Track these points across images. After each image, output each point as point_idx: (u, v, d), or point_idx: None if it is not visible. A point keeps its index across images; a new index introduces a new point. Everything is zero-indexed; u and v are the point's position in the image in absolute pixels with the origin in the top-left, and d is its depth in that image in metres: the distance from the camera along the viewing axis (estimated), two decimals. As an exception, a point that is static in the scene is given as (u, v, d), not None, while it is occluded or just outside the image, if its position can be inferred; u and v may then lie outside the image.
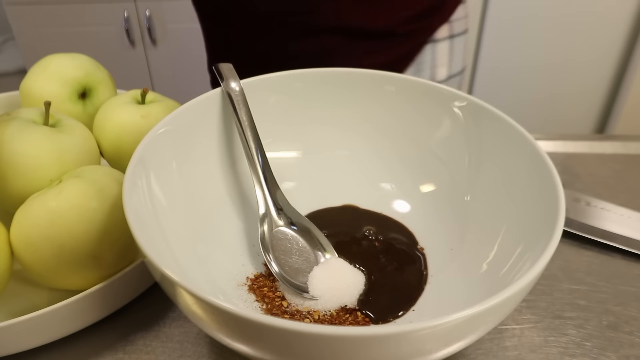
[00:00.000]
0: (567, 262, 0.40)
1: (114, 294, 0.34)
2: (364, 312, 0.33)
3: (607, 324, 0.36)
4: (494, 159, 0.36)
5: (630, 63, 1.43)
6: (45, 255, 0.32)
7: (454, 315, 0.22)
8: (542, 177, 0.31)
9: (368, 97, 0.41)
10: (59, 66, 0.43)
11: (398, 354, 0.23)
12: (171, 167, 0.35)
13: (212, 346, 0.33)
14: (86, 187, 0.32)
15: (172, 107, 0.41)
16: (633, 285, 0.39)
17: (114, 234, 0.33)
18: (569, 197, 0.45)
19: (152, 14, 1.43)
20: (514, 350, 0.33)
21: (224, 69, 0.38)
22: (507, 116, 0.36)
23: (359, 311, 0.33)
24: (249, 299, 0.34)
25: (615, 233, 0.42)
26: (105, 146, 0.41)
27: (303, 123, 0.42)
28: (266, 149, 0.38)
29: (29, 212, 0.32)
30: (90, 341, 0.34)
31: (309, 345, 0.22)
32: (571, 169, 0.52)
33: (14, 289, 0.36)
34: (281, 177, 0.40)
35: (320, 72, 0.41)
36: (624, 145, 0.55)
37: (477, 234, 0.36)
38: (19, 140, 0.35)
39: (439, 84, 0.39)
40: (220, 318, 0.23)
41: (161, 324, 0.35)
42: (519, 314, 0.36)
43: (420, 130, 0.41)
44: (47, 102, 0.37)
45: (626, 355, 0.33)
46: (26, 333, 0.31)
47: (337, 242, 0.37)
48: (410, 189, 0.41)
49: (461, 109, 0.38)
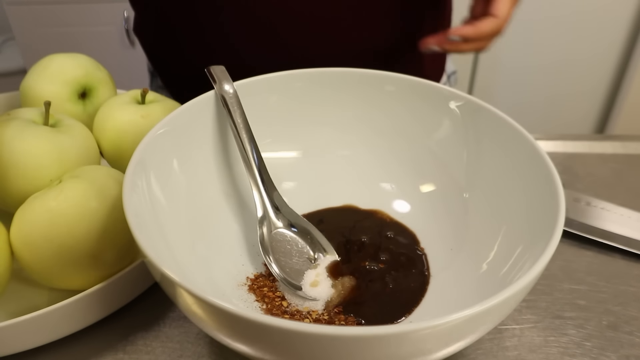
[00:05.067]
0: (567, 262, 0.40)
1: (114, 294, 0.34)
2: (363, 322, 0.33)
3: (607, 324, 0.36)
4: (493, 159, 0.36)
5: (630, 63, 1.43)
6: (45, 255, 0.32)
7: (454, 315, 0.22)
8: (542, 177, 0.31)
9: (368, 97, 0.41)
10: (59, 66, 0.43)
11: (398, 354, 0.23)
12: (171, 167, 0.35)
13: (212, 346, 0.33)
14: (86, 187, 0.32)
15: (172, 107, 0.41)
16: (633, 285, 0.39)
17: (114, 234, 0.33)
18: (569, 197, 0.45)
19: (152, 14, 1.42)
20: (514, 350, 0.33)
21: (216, 71, 0.38)
22: (507, 116, 0.36)
23: (358, 321, 0.33)
24: (249, 299, 0.34)
25: (615, 233, 0.42)
26: (105, 146, 0.41)
27: (303, 123, 0.42)
28: (265, 149, 0.38)
29: (29, 212, 0.32)
30: (90, 341, 0.34)
31: (309, 345, 0.22)
32: (571, 169, 0.52)
33: (14, 289, 0.36)
34: (281, 177, 0.40)
35: (320, 72, 0.41)
36: (624, 145, 0.55)
37: (477, 234, 0.36)
38: (19, 140, 0.35)
39: (439, 83, 0.39)
40: (220, 318, 0.23)
41: (161, 324, 0.35)
42: (519, 314, 0.36)
43: (420, 130, 0.41)
44: (47, 102, 0.37)
45: (626, 355, 0.33)
46: (26, 333, 0.31)
47: (337, 242, 0.37)
48: (410, 189, 0.41)
49: (461, 108, 0.38)
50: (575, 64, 1.47)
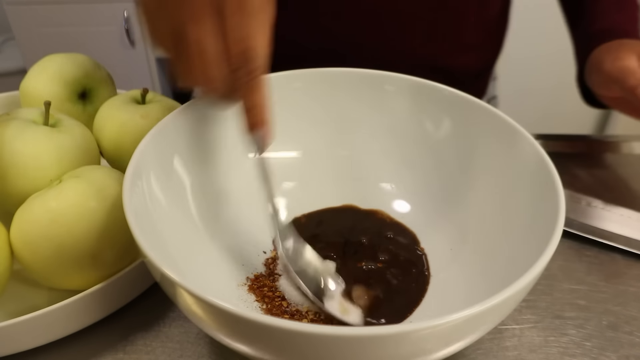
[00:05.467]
0: (567, 262, 0.40)
1: (114, 294, 0.34)
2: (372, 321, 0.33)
3: (607, 324, 0.36)
4: (493, 159, 0.36)
5: (630, 63, 1.43)
6: (45, 255, 0.32)
7: (454, 315, 0.22)
8: (542, 177, 0.31)
9: (368, 97, 0.41)
10: (59, 66, 0.43)
11: (398, 354, 0.23)
12: (171, 167, 0.35)
13: (212, 346, 0.33)
14: (86, 187, 0.32)
15: (172, 107, 0.41)
16: (633, 285, 0.39)
17: (114, 234, 0.33)
18: (569, 197, 0.45)
19: (152, 14, 1.42)
20: (514, 350, 0.33)
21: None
22: (507, 116, 0.36)
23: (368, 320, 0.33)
24: (249, 299, 0.34)
25: (615, 233, 0.42)
26: (105, 146, 0.41)
27: (303, 123, 0.42)
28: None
29: (29, 212, 0.32)
30: (90, 341, 0.34)
31: (309, 345, 0.22)
32: (571, 169, 0.52)
33: (14, 289, 0.36)
34: (281, 177, 0.40)
35: (320, 72, 0.41)
36: (624, 145, 0.55)
37: (477, 234, 0.36)
38: (19, 140, 0.35)
39: (438, 83, 0.39)
40: (220, 318, 0.23)
41: (161, 324, 0.35)
42: (519, 314, 0.36)
43: (420, 130, 0.41)
44: (47, 102, 0.37)
45: (626, 355, 0.33)
46: (26, 333, 0.31)
47: (337, 243, 0.37)
48: (410, 189, 0.41)
49: (461, 109, 0.38)
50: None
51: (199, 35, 0.28)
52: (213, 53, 0.28)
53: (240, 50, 0.29)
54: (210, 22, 0.28)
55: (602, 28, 0.52)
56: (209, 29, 0.28)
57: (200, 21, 0.28)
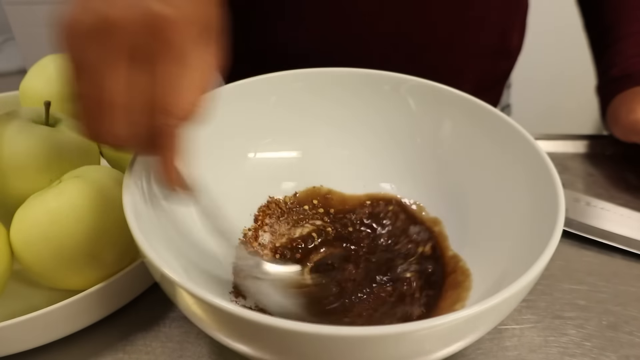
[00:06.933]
0: (567, 262, 0.40)
1: (114, 294, 0.34)
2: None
3: (607, 324, 0.36)
4: (493, 159, 0.36)
5: (631, 63, 1.43)
6: (45, 255, 0.32)
7: (454, 315, 0.22)
8: (542, 177, 0.31)
9: (367, 97, 0.41)
10: (59, 66, 0.43)
11: (398, 354, 0.23)
12: (171, 167, 0.35)
13: (212, 346, 0.33)
14: (86, 187, 0.32)
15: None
16: (633, 285, 0.38)
17: (114, 234, 0.33)
18: (569, 197, 0.45)
19: (152, 14, 1.42)
20: (514, 350, 0.33)
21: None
22: (507, 116, 0.36)
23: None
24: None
25: (615, 233, 0.42)
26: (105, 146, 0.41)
27: (303, 123, 0.42)
28: (265, 149, 0.38)
29: (29, 212, 0.32)
30: (90, 341, 0.34)
31: (308, 345, 0.22)
32: (571, 169, 0.52)
33: (14, 289, 0.36)
34: (281, 177, 0.40)
35: (320, 72, 0.41)
36: (623, 145, 0.55)
37: (477, 234, 0.36)
38: (19, 140, 0.35)
39: (439, 83, 0.39)
40: (220, 318, 0.23)
41: (161, 324, 0.35)
42: (519, 314, 0.36)
43: (420, 130, 0.41)
44: (47, 102, 0.37)
45: (626, 355, 0.33)
46: (26, 333, 0.31)
47: (337, 243, 0.37)
48: (410, 188, 0.41)
49: (461, 109, 0.38)
50: (576, 63, 1.46)
51: (110, 83, 0.23)
52: (122, 106, 0.24)
53: (160, 105, 0.24)
54: (125, 68, 0.23)
55: (621, 74, 0.52)
56: (123, 75, 0.23)
57: (113, 65, 0.23)
